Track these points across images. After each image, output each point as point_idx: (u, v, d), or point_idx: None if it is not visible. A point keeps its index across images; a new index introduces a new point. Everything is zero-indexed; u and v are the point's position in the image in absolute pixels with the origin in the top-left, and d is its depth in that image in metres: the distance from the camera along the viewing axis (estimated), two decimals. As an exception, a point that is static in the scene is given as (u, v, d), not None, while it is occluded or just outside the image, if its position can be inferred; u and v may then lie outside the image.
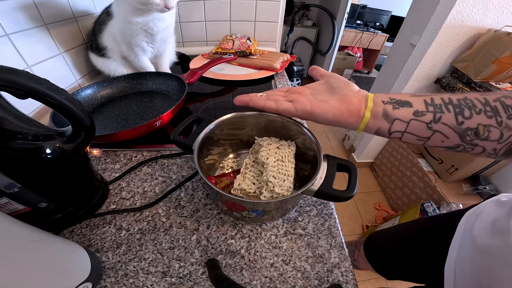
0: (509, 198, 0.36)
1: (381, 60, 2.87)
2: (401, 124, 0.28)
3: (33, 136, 0.26)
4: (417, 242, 0.52)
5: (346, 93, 0.31)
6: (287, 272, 0.31)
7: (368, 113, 0.29)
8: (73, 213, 0.33)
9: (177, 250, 0.32)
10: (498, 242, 0.31)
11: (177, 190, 0.39)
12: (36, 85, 0.23)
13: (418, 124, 0.27)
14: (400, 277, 0.56)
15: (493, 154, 0.27)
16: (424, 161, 1.29)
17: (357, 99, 0.30)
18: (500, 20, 1.00)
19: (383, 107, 0.29)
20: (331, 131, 2.08)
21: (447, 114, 0.26)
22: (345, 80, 0.33)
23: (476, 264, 0.34)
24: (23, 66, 0.48)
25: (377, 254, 0.64)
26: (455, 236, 0.41)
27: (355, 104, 0.30)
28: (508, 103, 0.25)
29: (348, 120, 0.30)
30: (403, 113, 0.28)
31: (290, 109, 0.32)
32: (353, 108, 0.30)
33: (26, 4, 0.47)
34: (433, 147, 0.30)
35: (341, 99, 0.31)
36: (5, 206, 0.26)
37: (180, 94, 0.54)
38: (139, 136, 0.46)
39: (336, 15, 2.24)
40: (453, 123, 0.26)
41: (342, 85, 0.32)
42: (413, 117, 0.27)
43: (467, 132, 0.26)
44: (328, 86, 0.33)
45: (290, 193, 0.32)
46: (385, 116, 0.28)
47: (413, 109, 0.28)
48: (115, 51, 0.62)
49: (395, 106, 0.28)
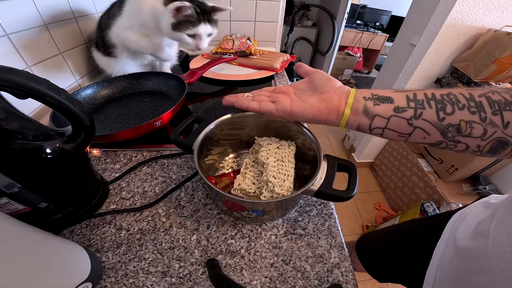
0: (498, 200, 0.35)
1: (381, 60, 2.87)
2: (382, 120, 0.28)
3: (33, 136, 0.26)
4: (407, 244, 0.51)
5: (327, 90, 0.31)
6: (287, 272, 0.31)
7: (348, 109, 0.29)
8: (73, 213, 0.33)
9: (177, 250, 0.32)
10: (477, 245, 0.29)
11: (177, 190, 0.39)
12: (36, 85, 0.23)
13: (398, 121, 0.27)
14: (391, 280, 0.55)
15: (478, 151, 0.26)
16: (424, 161, 1.29)
17: (337, 96, 0.30)
18: (500, 20, 1.00)
19: (363, 103, 0.29)
20: (331, 131, 2.08)
21: (428, 110, 0.26)
22: (328, 76, 0.33)
23: (454, 270, 0.32)
24: (23, 66, 0.48)
25: (368, 256, 0.63)
26: (441, 239, 0.40)
27: (334, 101, 0.30)
28: (494, 99, 0.24)
29: (328, 117, 0.30)
30: (383, 109, 0.28)
31: (272, 110, 0.32)
32: (332, 106, 0.30)
33: (26, 4, 0.47)
34: (417, 144, 0.29)
35: (321, 97, 0.31)
36: (5, 206, 0.26)
37: (180, 94, 0.54)
38: (139, 136, 0.46)
39: (336, 15, 2.24)
40: (434, 119, 0.26)
41: (323, 82, 0.32)
42: (393, 113, 0.27)
43: (449, 128, 0.25)
44: (311, 84, 0.33)
45: (290, 193, 0.32)
46: (366, 113, 0.28)
47: (394, 105, 0.27)
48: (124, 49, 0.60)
49: (376, 102, 0.28)
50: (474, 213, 0.37)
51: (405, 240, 0.52)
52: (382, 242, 0.60)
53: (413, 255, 0.47)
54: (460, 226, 0.37)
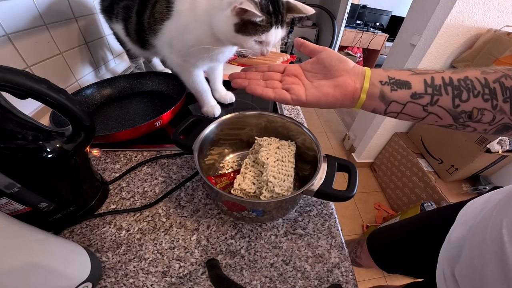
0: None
1: (381, 60, 2.87)
2: (398, 106, 0.28)
3: (33, 136, 0.26)
4: (421, 235, 0.51)
5: (340, 73, 0.29)
6: (287, 272, 0.31)
7: (364, 94, 0.28)
8: (73, 213, 0.33)
9: (177, 250, 0.32)
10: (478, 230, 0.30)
11: (177, 190, 0.39)
12: (36, 85, 0.23)
13: (414, 106, 0.27)
14: (400, 271, 0.56)
15: (483, 133, 0.28)
16: (424, 161, 1.29)
17: (351, 80, 0.29)
18: (500, 20, 1.00)
19: (380, 88, 0.28)
20: (331, 131, 2.08)
21: (445, 97, 0.26)
22: (338, 56, 0.30)
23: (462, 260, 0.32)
24: (23, 66, 0.48)
25: (380, 248, 0.64)
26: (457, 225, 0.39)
27: (349, 87, 0.29)
28: (507, 85, 0.25)
29: (343, 103, 0.30)
30: (400, 95, 0.27)
31: (287, 99, 0.31)
32: (347, 92, 0.29)
33: (26, 4, 0.47)
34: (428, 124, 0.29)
35: (334, 83, 0.30)
36: (5, 206, 0.26)
37: (180, 94, 0.54)
38: (139, 136, 0.46)
39: (336, 15, 2.24)
40: (449, 106, 0.26)
41: (334, 63, 0.30)
42: (410, 100, 0.27)
43: (461, 115, 0.26)
44: (321, 66, 0.31)
45: (290, 193, 0.32)
46: (382, 98, 0.28)
47: (411, 91, 0.27)
48: None
49: (393, 88, 0.27)
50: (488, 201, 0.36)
51: (421, 232, 0.52)
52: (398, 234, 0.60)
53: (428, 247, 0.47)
54: None
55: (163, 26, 0.44)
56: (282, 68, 0.35)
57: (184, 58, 0.47)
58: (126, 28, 0.53)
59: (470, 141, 1.06)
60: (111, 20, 0.56)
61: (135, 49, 0.57)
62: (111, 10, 0.54)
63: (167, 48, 0.47)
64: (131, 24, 0.51)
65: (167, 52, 0.48)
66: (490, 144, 0.98)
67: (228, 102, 0.60)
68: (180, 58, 0.47)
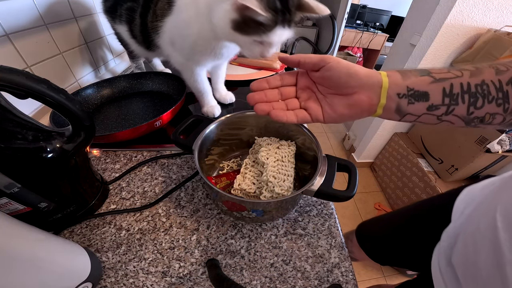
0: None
1: (381, 60, 2.87)
2: (412, 117, 0.28)
3: (33, 136, 0.26)
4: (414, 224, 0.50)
5: (353, 90, 0.28)
6: (287, 272, 0.31)
7: (380, 110, 0.28)
8: (73, 213, 0.33)
9: (177, 250, 0.32)
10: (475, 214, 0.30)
11: (177, 190, 0.39)
12: (36, 85, 0.23)
13: (429, 117, 0.27)
14: (393, 263, 0.55)
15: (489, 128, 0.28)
16: (424, 161, 1.29)
17: (367, 97, 0.28)
18: (500, 20, 1.00)
19: (397, 102, 0.27)
20: (331, 131, 2.08)
21: (461, 106, 0.26)
22: (346, 71, 0.28)
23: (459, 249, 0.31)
24: (23, 66, 0.48)
25: (370, 240, 0.62)
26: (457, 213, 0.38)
27: (364, 104, 0.28)
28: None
29: (360, 117, 0.30)
30: (416, 108, 0.27)
31: (308, 120, 0.32)
32: (363, 110, 0.29)
33: (26, 4, 0.47)
34: None
35: (349, 103, 0.29)
36: (5, 206, 0.26)
37: (180, 94, 0.54)
38: (139, 136, 0.46)
39: (336, 15, 2.24)
40: (464, 114, 0.26)
41: (345, 80, 0.28)
42: (425, 112, 0.27)
43: (474, 120, 0.26)
44: (331, 83, 0.30)
45: (290, 193, 0.32)
46: (398, 111, 0.28)
47: (429, 103, 0.27)
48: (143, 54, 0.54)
49: (411, 101, 0.27)
50: None
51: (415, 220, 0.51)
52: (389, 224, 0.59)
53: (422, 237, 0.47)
54: None
55: (164, 23, 0.42)
56: (293, 79, 0.33)
57: (187, 56, 0.46)
58: (131, 30, 0.52)
59: (470, 141, 1.06)
60: (114, 21, 0.55)
61: (140, 50, 0.56)
62: (115, 11, 0.53)
63: (170, 46, 0.46)
64: (135, 26, 0.50)
65: (170, 50, 0.47)
66: (490, 144, 0.98)
67: (228, 102, 0.60)
68: (183, 56, 0.46)
